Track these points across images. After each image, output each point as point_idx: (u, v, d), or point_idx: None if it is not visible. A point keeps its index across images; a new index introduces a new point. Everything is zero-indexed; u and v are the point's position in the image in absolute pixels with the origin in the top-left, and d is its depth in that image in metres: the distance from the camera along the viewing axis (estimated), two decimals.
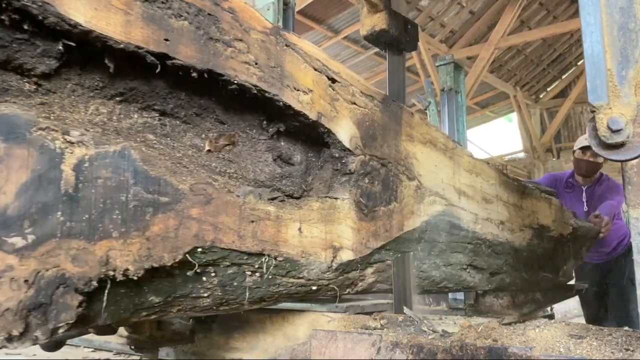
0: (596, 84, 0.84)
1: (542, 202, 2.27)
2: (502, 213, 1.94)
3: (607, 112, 0.83)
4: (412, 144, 1.48)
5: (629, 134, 0.82)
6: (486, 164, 1.88)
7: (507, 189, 2.00)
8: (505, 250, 1.94)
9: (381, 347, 0.98)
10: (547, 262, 2.31)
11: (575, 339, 1.05)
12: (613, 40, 0.84)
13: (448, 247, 1.63)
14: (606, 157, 0.86)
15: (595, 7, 0.86)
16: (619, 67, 0.84)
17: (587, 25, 0.86)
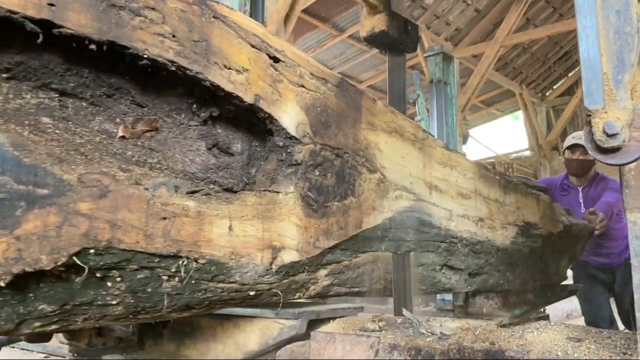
0: (592, 88, 0.83)
1: (528, 198, 2.05)
2: (482, 209, 1.73)
3: (603, 116, 0.82)
4: (374, 133, 1.31)
5: (624, 138, 0.80)
6: (463, 156, 1.70)
7: (488, 183, 1.78)
8: (486, 249, 1.74)
9: (379, 349, 0.97)
10: (536, 262, 2.10)
11: (574, 342, 1.02)
12: (609, 43, 0.83)
13: (418, 246, 1.46)
14: (602, 161, 0.84)
15: (592, 10, 0.84)
16: (615, 71, 0.82)
17: (583, 29, 0.84)
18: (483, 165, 1.84)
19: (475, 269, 1.73)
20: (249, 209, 0.99)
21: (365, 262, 1.30)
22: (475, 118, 13.63)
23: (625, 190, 0.84)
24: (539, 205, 2.12)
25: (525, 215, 1.99)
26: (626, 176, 0.85)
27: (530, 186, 2.11)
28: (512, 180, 1.97)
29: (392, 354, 0.96)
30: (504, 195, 1.88)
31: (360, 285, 1.32)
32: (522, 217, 1.97)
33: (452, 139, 2.99)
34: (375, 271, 1.34)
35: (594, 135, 0.82)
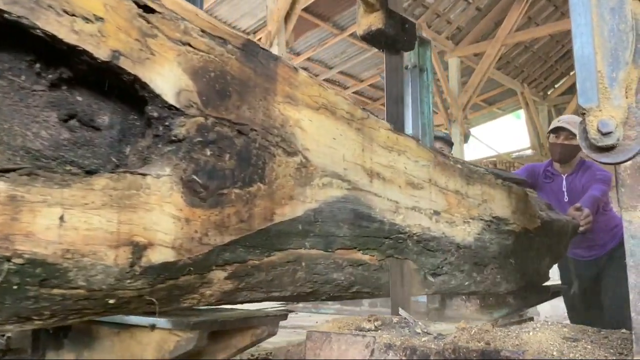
0: (586, 86, 0.80)
1: (497, 189, 1.76)
2: (438, 201, 1.48)
3: (597, 115, 0.79)
4: (294, 108, 1.06)
5: (619, 137, 0.78)
6: (414, 141, 1.44)
7: (446, 172, 1.53)
8: (443, 246, 1.49)
9: (375, 348, 0.96)
10: (509, 261, 1.81)
11: (570, 342, 0.99)
12: (603, 41, 0.80)
13: (355, 243, 1.23)
14: (597, 159, 0.82)
15: (586, 7, 0.81)
16: (609, 69, 0.80)
17: (578, 27, 0.82)
18: (440, 152, 1.59)
19: (432, 268, 1.48)
20: (97, 195, 0.74)
21: (283, 262, 1.05)
22: (476, 117, 13.33)
23: (620, 189, 0.82)
24: (510, 198, 1.82)
25: (493, 209, 1.70)
26: (621, 175, 0.82)
27: (503, 177, 1.84)
28: (477, 169, 1.70)
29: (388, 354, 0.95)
30: (467, 186, 1.60)
31: (280, 289, 1.08)
32: (490, 211, 1.68)
33: (429, 129, 2.72)
34: (298, 272, 1.09)
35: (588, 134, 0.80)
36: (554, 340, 1.01)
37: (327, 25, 8.78)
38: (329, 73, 10.29)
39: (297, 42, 8.92)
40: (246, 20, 8.30)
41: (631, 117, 0.78)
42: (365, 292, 1.32)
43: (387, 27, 1.69)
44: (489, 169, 1.91)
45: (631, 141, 0.78)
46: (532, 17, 9.95)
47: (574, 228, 2.44)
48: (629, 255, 0.82)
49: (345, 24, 8.87)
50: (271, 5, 6.43)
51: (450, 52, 9.68)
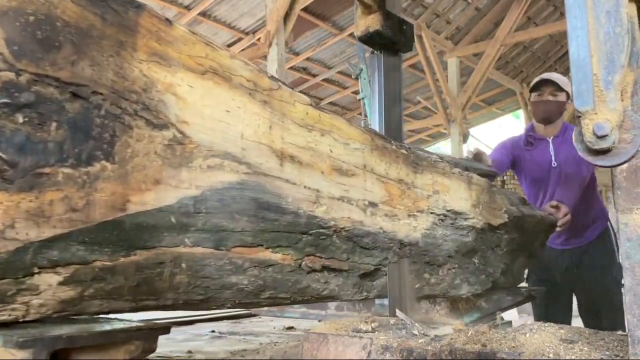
0: (582, 89, 0.80)
1: (453, 180, 1.54)
2: (375, 191, 1.27)
3: (592, 118, 0.79)
4: (165, 70, 0.85)
5: (614, 140, 0.77)
6: (344, 121, 1.23)
7: (387, 158, 1.32)
8: (382, 243, 1.29)
9: (372, 350, 0.96)
10: (470, 260, 1.60)
11: (567, 344, 0.98)
12: (599, 44, 0.80)
13: (260, 239, 1.02)
14: (593, 162, 0.81)
15: (582, 10, 0.81)
16: (605, 72, 0.79)
17: (573, 29, 0.82)
18: (380, 134, 1.36)
19: (367, 269, 1.28)
20: None
21: (152, 264, 0.84)
22: (476, 117, 13.28)
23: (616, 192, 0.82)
24: (470, 190, 1.59)
25: (447, 201, 1.49)
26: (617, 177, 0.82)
27: (465, 167, 1.64)
28: (427, 156, 1.48)
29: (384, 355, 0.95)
30: (414, 175, 1.40)
31: (154, 296, 0.87)
32: (443, 204, 1.48)
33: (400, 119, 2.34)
34: (178, 275, 0.88)
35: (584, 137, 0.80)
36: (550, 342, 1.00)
37: (327, 25, 8.72)
38: (328, 73, 10.26)
39: (297, 42, 8.88)
40: (245, 20, 8.27)
41: (627, 120, 0.78)
42: (283, 298, 1.11)
43: (384, 28, 1.66)
44: (446, 156, 1.66)
45: (627, 144, 0.78)
46: (531, 17, 9.87)
47: (551, 225, 2.17)
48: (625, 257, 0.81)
49: (344, 24, 8.81)
50: (270, 5, 6.41)
51: (450, 52, 9.62)
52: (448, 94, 9.05)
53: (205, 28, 8.20)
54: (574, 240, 2.67)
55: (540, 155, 2.68)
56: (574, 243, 2.68)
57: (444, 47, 9.50)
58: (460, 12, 9.44)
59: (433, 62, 8.89)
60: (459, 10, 9.42)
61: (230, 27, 8.28)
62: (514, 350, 0.93)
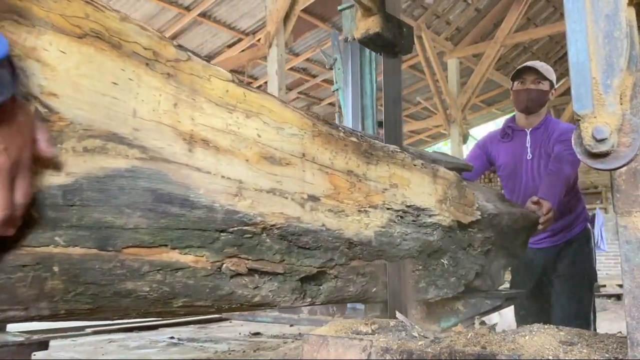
0: (581, 93, 0.80)
1: (414, 172, 1.38)
2: (316, 183, 1.12)
3: (592, 121, 0.79)
4: (25, 30, 0.70)
5: (613, 143, 0.78)
6: (277, 101, 1.07)
7: (332, 146, 1.17)
8: (325, 242, 1.13)
9: (372, 352, 0.96)
10: (436, 262, 1.46)
11: (566, 346, 0.98)
12: (598, 48, 0.80)
13: (161, 238, 0.86)
14: (592, 166, 0.81)
15: (581, 14, 0.81)
16: (604, 76, 0.79)
17: (572, 33, 0.82)
18: (324, 120, 1.21)
19: (310, 272, 1.13)
20: None
21: (8, 267, 0.70)
22: (475, 117, 13.29)
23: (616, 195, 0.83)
24: (435, 184, 1.44)
25: (408, 196, 1.35)
26: (617, 180, 0.82)
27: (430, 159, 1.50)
28: (383, 146, 1.34)
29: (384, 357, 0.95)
30: (366, 166, 1.26)
31: (19, 305, 0.71)
32: (402, 199, 1.33)
33: (372, 111, 2.30)
34: (49, 281, 0.73)
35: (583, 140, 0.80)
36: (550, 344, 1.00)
37: (326, 26, 8.71)
38: (328, 73, 10.28)
39: (296, 43, 8.88)
40: (245, 21, 8.28)
41: (626, 124, 0.78)
42: (202, 306, 0.96)
43: (384, 30, 1.64)
44: (409, 147, 1.54)
45: (626, 148, 0.78)
46: (531, 18, 9.90)
47: (533, 222, 2.01)
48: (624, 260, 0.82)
49: None
50: (270, 6, 6.42)
51: (450, 53, 9.64)
52: (448, 95, 9.06)
53: (205, 29, 8.21)
54: (547, 239, 2.57)
55: (516, 147, 2.57)
56: (548, 242, 2.58)
57: (443, 47, 9.52)
58: (460, 13, 9.46)
59: (433, 63, 8.91)
60: (458, 11, 9.43)
61: (230, 28, 8.29)
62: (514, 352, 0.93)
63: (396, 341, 1.01)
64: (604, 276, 11.96)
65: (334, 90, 2.53)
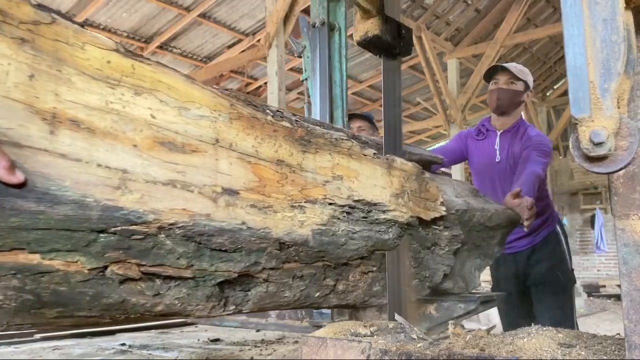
0: (578, 96, 0.80)
1: (363, 163, 1.24)
2: (235, 175, 0.97)
3: (589, 125, 0.79)
4: None
5: (611, 147, 0.78)
6: (182, 77, 0.92)
7: (256, 132, 1.02)
8: (246, 244, 0.98)
9: (370, 354, 0.96)
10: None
11: (564, 348, 0.98)
12: (596, 52, 0.80)
13: (11, 240, 0.71)
14: (589, 169, 0.81)
15: (579, 18, 0.81)
16: (601, 80, 0.79)
17: (570, 37, 0.82)
18: (246, 100, 1.04)
19: (230, 275, 0.98)
20: None
21: None
22: (475, 118, 13.25)
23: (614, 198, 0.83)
24: (390, 176, 1.30)
25: (355, 189, 1.21)
26: (614, 183, 0.83)
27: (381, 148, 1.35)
28: (325, 132, 1.18)
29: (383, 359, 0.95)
30: (302, 155, 1.11)
31: None
32: (349, 193, 1.19)
33: (342, 101, 2.11)
34: None
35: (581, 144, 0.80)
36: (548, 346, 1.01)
37: None
38: None
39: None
40: (245, 22, 8.28)
41: (623, 128, 0.79)
42: (87, 317, 0.82)
43: (383, 33, 1.63)
44: (361, 135, 1.40)
45: (623, 151, 0.78)
46: (531, 19, 9.87)
47: (510, 219, 1.85)
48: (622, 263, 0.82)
49: None
50: (270, 7, 6.42)
51: (449, 54, 9.63)
52: (448, 95, 9.06)
53: (205, 29, 8.21)
54: (517, 244, 2.51)
55: (486, 147, 2.55)
56: (517, 247, 2.51)
57: (443, 48, 9.50)
58: (460, 13, 9.44)
59: (433, 64, 8.89)
60: (458, 12, 9.42)
61: (230, 29, 8.29)
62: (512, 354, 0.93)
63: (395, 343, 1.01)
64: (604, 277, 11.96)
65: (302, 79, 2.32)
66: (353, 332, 1.16)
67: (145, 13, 7.48)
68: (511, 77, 2.49)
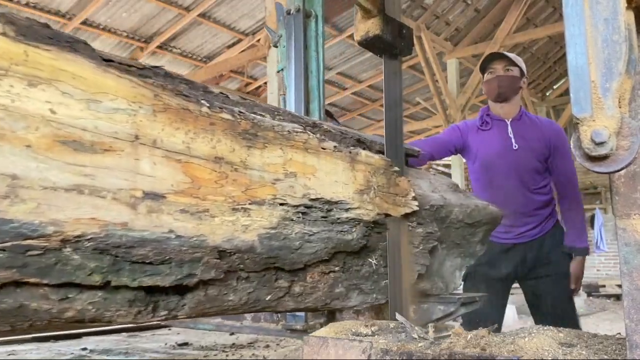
0: (580, 96, 0.80)
1: (322, 157, 1.14)
2: (160, 176, 0.84)
3: (590, 125, 0.79)
4: None
5: (612, 147, 0.77)
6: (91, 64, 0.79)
7: (188, 126, 0.89)
8: (176, 254, 0.86)
9: (371, 353, 0.96)
10: (359, 262, 1.24)
11: (565, 347, 0.98)
12: (597, 51, 0.80)
13: None
14: (591, 169, 0.80)
15: (580, 18, 0.81)
16: (602, 79, 0.79)
17: (571, 37, 0.81)
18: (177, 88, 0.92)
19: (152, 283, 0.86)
20: None
21: None
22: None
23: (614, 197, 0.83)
24: (354, 171, 1.20)
25: (313, 187, 1.10)
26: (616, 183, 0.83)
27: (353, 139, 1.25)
28: (277, 125, 1.07)
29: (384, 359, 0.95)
30: (247, 151, 0.99)
31: None
32: (304, 191, 1.08)
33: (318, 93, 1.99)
34: None
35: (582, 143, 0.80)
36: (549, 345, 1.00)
37: (326, 27, 8.77)
38: (328, 74, 10.26)
39: None
40: (245, 22, 8.28)
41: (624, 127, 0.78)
42: None
43: (384, 33, 1.61)
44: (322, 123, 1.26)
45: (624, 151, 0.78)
46: (530, 19, 9.88)
47: (492, 216, 1.76)
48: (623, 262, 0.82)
49: (343, 25, 8.81)
50: (270, 7, 6.39)
51: (449, 53, 9.64)
52: (447, 95, 9.06)
53: (205, 29, 8.21)
54: (528, 233, 2.46)
55: (496, 137, 2.46)
56: (529, 236, 2.46)
57: (443, 48, 9.51)
58: (460, 13, 9.45)
59: (432, 64, 8.90)
60: (458, 12, 9.43)
61: (230, 29, 8.29)
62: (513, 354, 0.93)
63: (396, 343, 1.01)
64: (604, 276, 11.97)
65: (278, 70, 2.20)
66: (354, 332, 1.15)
67: (145, 13, 7.48)
68: (507, 64, 2.46)
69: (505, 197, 2.35)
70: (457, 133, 2.54)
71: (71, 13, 7.10)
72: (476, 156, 2.52)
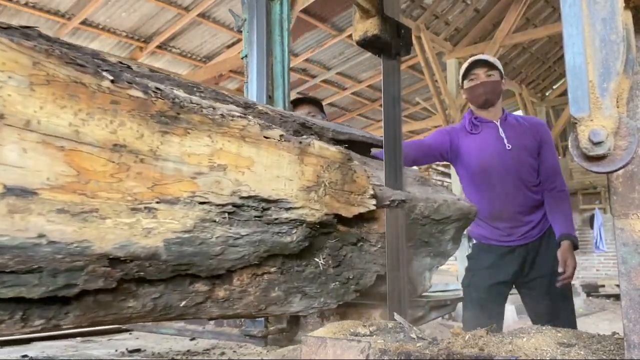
0: (578, 96, 0.80)
1: (263, 148, 0.98)
2: (30, 167, 0.69)
3: (588, 124, 0.79)
4: None
5: (610, 147, 0.78)
6: None
7: (80, 104, 0.73)
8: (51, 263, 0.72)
9: (370, 353, 0.96)
10: (301, 262, 1.11)
11: (564, 347, 0.99)
12: (595, 51, 0.80)
13: None
14: (588, 168, 0.81)
15: (578, 18, 0.81)
16: (600, 79, 0.79)
17: (569, 37, 0.81)
18: (71, 56, 0.75)
19: (14, 294, 0.72)
20: None
21: None
22: None
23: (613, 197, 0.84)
24: (302, 165, 1.05)
25: (246, 182, 0.95)
26: (614, 183, 0.83)
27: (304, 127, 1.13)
28: (206, 107, 0.91)
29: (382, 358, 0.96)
30: (161, 137, 0.83)
31: None
32: (234, 187, 0.93)
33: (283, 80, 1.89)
34: None
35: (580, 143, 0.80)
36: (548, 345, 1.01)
37: (326, 27, 8.70)
38: (328, 74, 10.25)
39: (296, 43, 8.88)
40: None
41: (622, 127, 0.79)
42: None
43: (382, 33, 1.62)
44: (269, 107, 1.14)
45: (622, 151, 0.78)
46: (530, 19, 9.86)
47: (462, 212, 1.63)
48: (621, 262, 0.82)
49: (343, 25, 8.81)
50: None
51: (449, 53, 9.62)
52: (447, 95, 9.06)
53: (204, 29, 8.21)
54: (529, 233, 2.43)
55: (488, 139, 2.43)
56: (530, 237, 2.43)
57: (442, 48, 9.51)
58: (459, 13, 9.44)
59: (432, 63, 8.90)
60: (457, 12, 9.42)
61: (229, 29, 8.28)
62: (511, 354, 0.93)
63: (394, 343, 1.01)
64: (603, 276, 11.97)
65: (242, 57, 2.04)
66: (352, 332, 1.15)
67: (145, 13, 7.48)
68: (488, 69, 2.43)
69: (506, 198, 2.36)
70: (446, 137, 2.50)
71: (70, 13, 7.09)
72: (469, 160, 2.49)
